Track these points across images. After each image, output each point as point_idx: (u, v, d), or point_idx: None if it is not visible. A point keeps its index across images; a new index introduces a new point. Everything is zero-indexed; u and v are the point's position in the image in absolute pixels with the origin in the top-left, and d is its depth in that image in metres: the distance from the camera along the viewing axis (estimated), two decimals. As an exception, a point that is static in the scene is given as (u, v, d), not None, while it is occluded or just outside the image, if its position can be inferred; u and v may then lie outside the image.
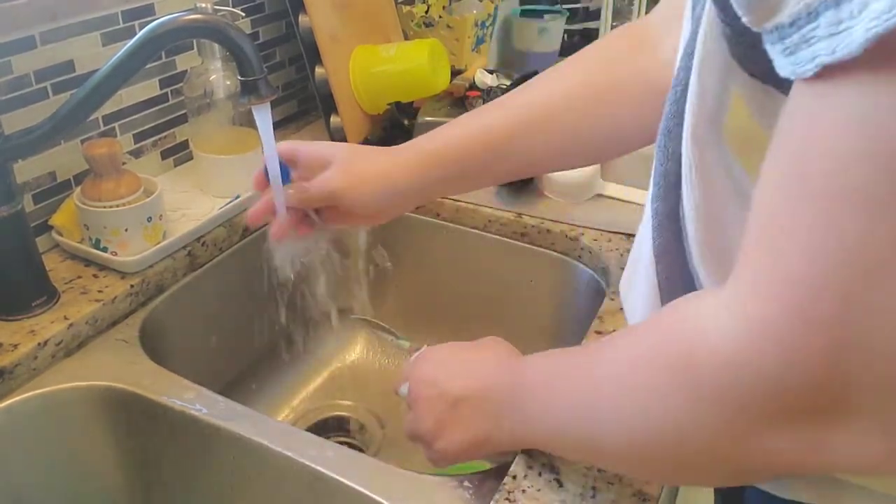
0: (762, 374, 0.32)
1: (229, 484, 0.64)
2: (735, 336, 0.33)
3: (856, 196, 0.28)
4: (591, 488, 0.53)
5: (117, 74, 0.61)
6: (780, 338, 0.31)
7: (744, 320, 0.32)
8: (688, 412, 0.36)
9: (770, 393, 0.32)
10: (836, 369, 0.30)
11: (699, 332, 0.35)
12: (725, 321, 0.33)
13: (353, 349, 1.05)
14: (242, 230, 0.89)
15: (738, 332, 0.32)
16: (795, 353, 0.30)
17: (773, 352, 0.31)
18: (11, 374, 0.64)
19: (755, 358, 0.32)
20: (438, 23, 1.20)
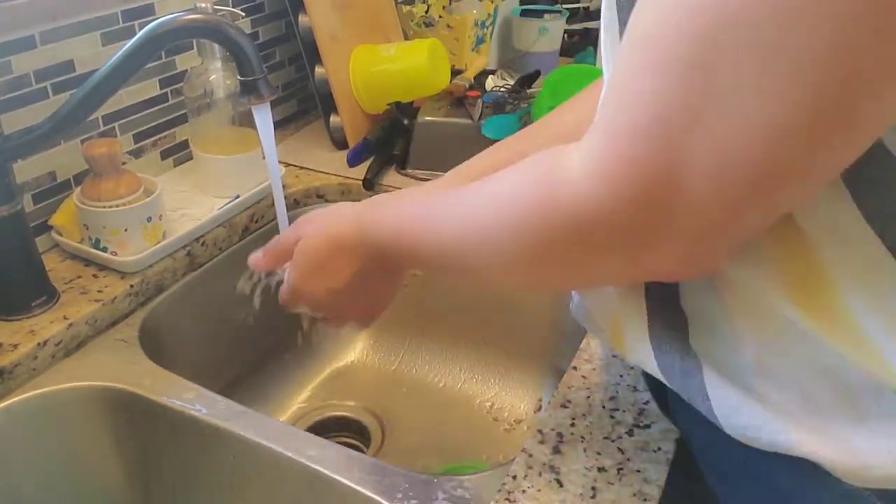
0: (605, 208, 0.36)
1: (229, 484, 0.64)
2: (588, 177, 0.37)
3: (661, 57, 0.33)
4: (591, 488, 0.53)
5: (117, 74, 0.61)
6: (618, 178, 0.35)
7: (594, 163, 0.37)
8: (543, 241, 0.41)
9: (612, 224, 0.37)
10: (656, 203, 0.35)
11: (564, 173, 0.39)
12: (583, 165, 0.38)
13: (353, 349, 1.05)
14: (242, 230, 0.89)
15: (590, 173, 0.37)
16: (626, 190, 0.35)
17: (614, 189, 0.35)
18: (11, 374, 0.64)
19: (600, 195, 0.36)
20: (438, 23, 1.20)
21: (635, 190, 0.35)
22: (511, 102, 1.02)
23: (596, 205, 0.37)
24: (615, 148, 0.35)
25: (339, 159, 1.02)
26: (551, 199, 0.40)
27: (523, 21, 1.38)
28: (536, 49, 1.38)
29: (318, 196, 0.98)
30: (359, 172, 0.98)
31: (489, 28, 1.28)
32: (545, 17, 1.39)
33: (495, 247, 0.45)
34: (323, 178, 0.98)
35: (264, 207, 0.91)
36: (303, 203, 0.97)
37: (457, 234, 0.48)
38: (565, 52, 1.44)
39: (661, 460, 0.55)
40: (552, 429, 0.58)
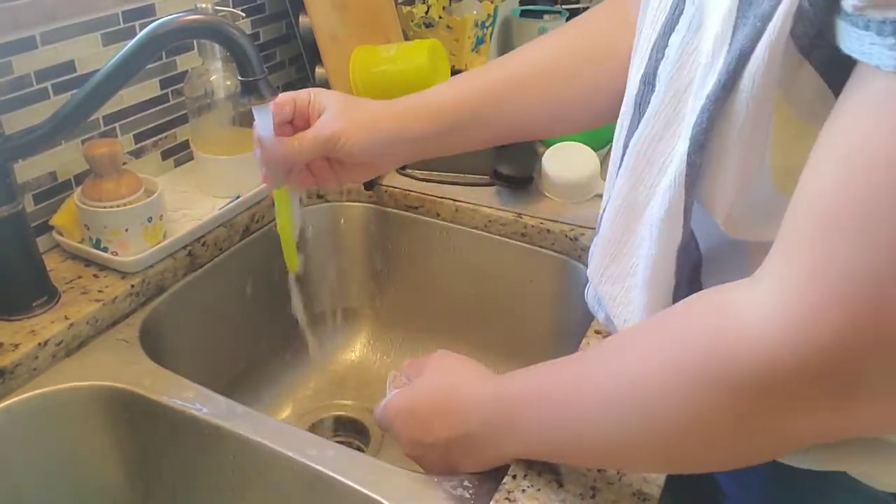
0: (812, 360, 0.33)
1: (229, 483, 0.64)
2: (784, 325, 0.33)
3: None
4: (591, 488, 0.53)
5: (118, 75, 0.61)
6: (835, 325, 0.32)
7: (793, 308, 0.33)
8: (726, 406, 0.36)
9: (817, 378, 0.33)
10: (875, 352, 0.32)
11: (739, 322, 0.35)
12: (772, 308, 0.34)
13: (353, 349, 1.05)
14: (243, 230, 0.89)
15: (788, 321, 0.33)
16: (847, 340, 0.32)
17: (826, 338, 0.32)
18: (12, 373, 0.64)
19: (806, 344, 0.33)
20: (438, 23, 1.20)
21: (857, 339, 0.32)
22: (511, 103, 1.02)
23: (797, 358, 0.33)
24: (828, 291, 0.32)
25: (340, 159, 1.02)
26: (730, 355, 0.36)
27: (523, 21, 1.39)
28: (536, 49, 1.38)
29: (318, 196, 0.98)
30: (359, 173, 0.98)
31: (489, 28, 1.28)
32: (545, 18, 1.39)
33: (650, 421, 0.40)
34: (323, 179, 0.98)
35: (265, 207, 0.91)
36: (303, 203, 0.97)
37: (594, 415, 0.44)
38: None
39: (661, 460, 0.55)
40: (552, 429, 0.58)
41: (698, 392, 0.37)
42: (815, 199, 0.34)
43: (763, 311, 0.35)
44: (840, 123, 0.33)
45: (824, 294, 0.33)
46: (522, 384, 0.51)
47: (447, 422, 0.54)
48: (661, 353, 0.40)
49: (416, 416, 0.57)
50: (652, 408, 0.40)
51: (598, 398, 0.43)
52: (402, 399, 0.59)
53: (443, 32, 1.20)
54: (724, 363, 0.36)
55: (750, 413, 0.36)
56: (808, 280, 0.33)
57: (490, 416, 0.52)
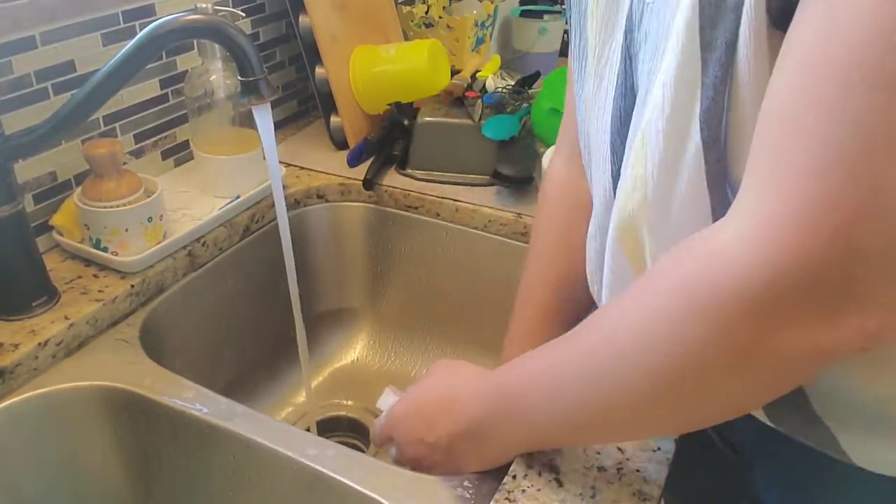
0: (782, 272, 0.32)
1: (229, 483, 0.64)
2: (751, 241, 0.33)
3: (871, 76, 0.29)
4: (591, 488, 0.53)
5: (118, 75, 0.61)
6: (795, 231, 0.31)
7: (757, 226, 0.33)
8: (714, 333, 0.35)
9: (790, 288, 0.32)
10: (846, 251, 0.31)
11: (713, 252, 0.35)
12: (740, 233, 0.33)
13: (353, 349, 1.05)
14: (243, 230, 0.89)
15: (754, 237, 0.33)
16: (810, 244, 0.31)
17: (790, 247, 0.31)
18: (12, 373, 0.64)
19: (773, 257, 0.32)
20: (438, 23, 1.20)
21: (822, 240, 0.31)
22: (511, 103, 1.02)
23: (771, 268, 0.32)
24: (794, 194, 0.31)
25: (340, 159, 1.02)
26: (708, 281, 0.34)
27: (523, 21, 1.39)
28: (536, 49, 1.38)
29: (318, 196, 0.98)
30: (359, 172, 0.98)
31: (489, 28, 1.28)
32: (545, 18, 1.39)
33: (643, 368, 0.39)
34: (323, 179, 0.99)
35: (265, 207, 0.91)
36: (303, 203, 0.97)
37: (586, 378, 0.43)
38: (565, 52, 1.44)
39: (661, 460, 0.55)
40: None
41: (683, 326, 0.36)
42: (768, 109, 0.34)
43: (734, 232, 0.34)
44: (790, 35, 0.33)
45: (786, 201, 0.32)
46: (518, 369, 0.50)
47: (449, 417, 0.54)
48: (642, 300, 0.39)
49: (419, 416, 0.57)
50: (642, 354, 0.39)
51: (591, 360, 0.43)
52: (404, 404, 0.59)
53: (443, 32, 1.20)
54: (702, 291, 0.35)
55: (738, 337, 0.35)
56: (769, 190, 0.32)
57: (490, 405, 0.51)
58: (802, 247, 0.31)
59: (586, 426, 0.47)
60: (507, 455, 0.54)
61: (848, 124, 0.30)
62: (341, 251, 1.02)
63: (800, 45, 0.32)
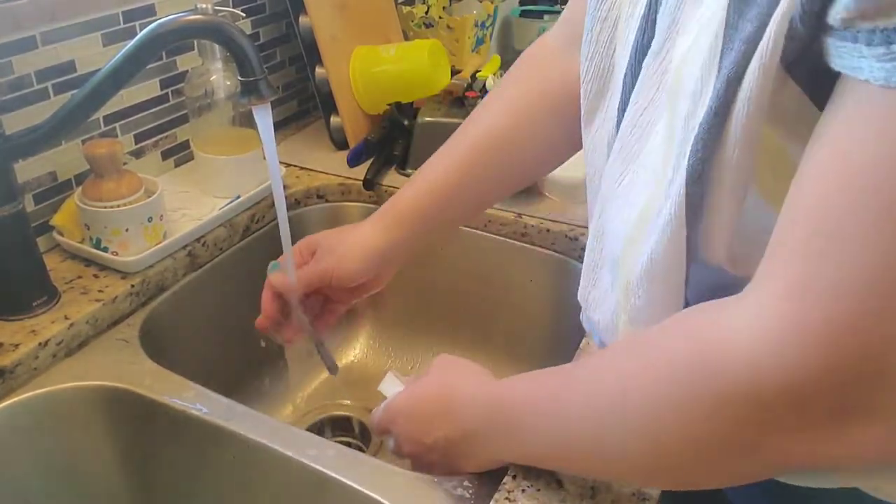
0: (800, 377, 0.32)
1: (229, 483, 0.64)
2: (774, 338, 0.32)
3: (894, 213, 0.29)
4: (591, 488, 0.53)
5: (118, 75, 0.61)
6: (821, 342, 0.31)
7: (782, 322, 0.32)
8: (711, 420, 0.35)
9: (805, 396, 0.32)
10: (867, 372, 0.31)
11: (726, 336, 0.35)
12: (759, 324, 0.33)
13: (353, 349, 1.05)
14: (243, 230, 0.89)
15: (777, 334, 0.32)
16: (834, 357, 0.31)
17: (814, 355, 0.31)
18: (12, 373, 0.64)
19: (794, 361, 0.32)
20: (438, 23, 1.20)
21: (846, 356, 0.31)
22: (511, 103, 1.02)
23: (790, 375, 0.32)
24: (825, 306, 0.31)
25: (340, 159, 1.02)
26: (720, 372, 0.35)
27: (523, 21, 1.39)
28: (536, 49, 1.38)
29: (318, 196, 0.98)
30: (359, 172, 0.98)
31: (489, 28, 1.28)
32: (545, 18, 1.39)
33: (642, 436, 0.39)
34: (323, 179, 0.99)
35: (265, 208, 0.91)
36: (303, 203, 0.97)
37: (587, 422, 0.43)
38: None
39: (661, 460, 0.55)
40: (552, 429, 0.58)
41: (685, 403, 0.37)
42: (800, 212, 0.33)
43: (749, 326, 0.34)
44: (825, 137, 0.33)
45: (808, 312, 0.31)
46: (522, 389, 0.50)
47: (446, 421, 0.54)
48: (652, 363, 0.40)
49: (416, 416, 0.57)
50: (642, 416, 0.39)
51: (591, 405, 0.43)
52: (403, 400, 0.59)
53: (443, 32, 1.20)
54: (710, 376, 0.35)
55: (735, 429, 0.35)
56: (792, 296, 0.32)
57: (489, 416, 0.52)
58: (827, 362, 0.31)
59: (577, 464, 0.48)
60: (501, 462, 0.54)
61: (885, 257, 0.30)
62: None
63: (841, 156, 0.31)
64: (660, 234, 0.42)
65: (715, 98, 0.37)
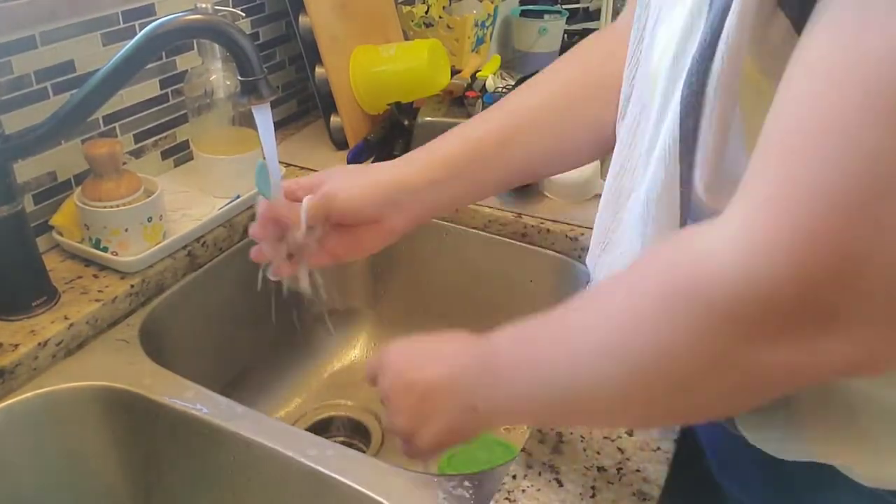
0: (770, 288, 0.31)
1: (229, 483, 0.64)
2: (744, 250, 0.32)
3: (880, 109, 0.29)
4: (591, 488, 0.53)
5: (118, 74, 0.61)
6: (791, 250, 0.31)
7: (752, 234, 0.32)
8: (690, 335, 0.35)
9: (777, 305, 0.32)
10: (840, 280, 0.30)
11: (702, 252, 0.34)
12: (732, 238, 0.33)
13: (353, 349, 1.05)
14: (242, 230, 0.89)
15: (747, 246, 0.32)
16: (804, 265, 0.30)
17: (783, 264, 0.31)
18: (12, 373, 0.64)
19: (764, 271, 0.31)
20: (438, 23, 1.20)
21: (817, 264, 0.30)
22: (511, 103, 1.02)
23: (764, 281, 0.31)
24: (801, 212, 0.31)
25: (340, 159, 1.02)
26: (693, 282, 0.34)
27: (523, 21, 1.39)
28: (536, 49, 1.38)
29: (318, 196, 0.98)
30: (359, 173, 0.98)
31: (489, 28, 1.28)
32: (545, 18, 1.39)
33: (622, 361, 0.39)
34: (323, 179, 0.98)
35: (264, 207, 0.91)
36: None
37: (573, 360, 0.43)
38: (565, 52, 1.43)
39: (661, 460, 0.55)
40: (552, 428, 0.58)
41: (665, 319, 0.36)
42: (777, 117, 0.33)
43: (725, 236, 0.33)
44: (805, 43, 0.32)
45: (784, 216, 0.31)
46: (511, 336, 0.50)
47: (436, 361, 0.53)
48: (632, 284, 0.39)
49: (406, 354, 0.56)
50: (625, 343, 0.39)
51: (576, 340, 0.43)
52: (398, 344, 0.58)
53: (443, 32, 1.20)
54: (688, 289, 0.35)
55: (715, 344, 0.34)
56: (769, 201, 0.32)
57: (472, 362, 0.51)
58: (800, 266, 0.31)
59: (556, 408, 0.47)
60: (472, 424, 0.51)
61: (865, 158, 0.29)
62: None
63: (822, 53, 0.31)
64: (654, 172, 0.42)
65: (708, 29, 0.37)
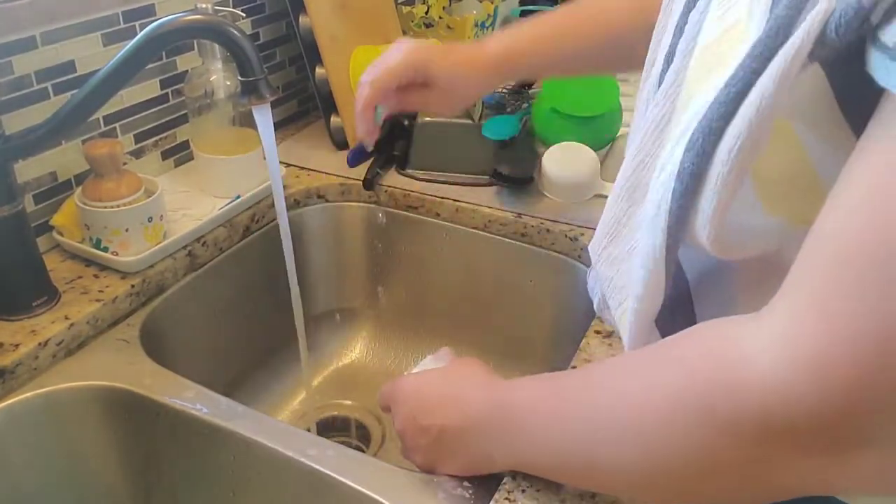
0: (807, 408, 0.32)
1: (230, 484, 0.64)
2: (786, 365, 0.32)
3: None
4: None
5: (118, 75, 0.61)
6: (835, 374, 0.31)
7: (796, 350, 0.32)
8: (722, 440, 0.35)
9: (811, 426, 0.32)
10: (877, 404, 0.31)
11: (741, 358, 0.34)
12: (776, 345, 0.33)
13: (353, 349, 1.05)
14: (243, 230, 0.89)
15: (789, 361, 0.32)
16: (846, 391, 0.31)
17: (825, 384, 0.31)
18: (12, 373, 0.64)
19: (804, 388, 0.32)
20: (438, 23, 1.20)
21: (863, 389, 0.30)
22: (511, 103, 1.02)
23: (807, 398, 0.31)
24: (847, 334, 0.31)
25: (340, 159, 1.02)
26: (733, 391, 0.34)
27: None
28: (536, 49, 1.38)
29: (318, 196, 0.98)
30: (359, 173, 0.98)
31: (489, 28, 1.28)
32: (545, 18, 1.39)
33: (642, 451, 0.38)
34: (323, 179, 0.99)
35: (265, 207, 0.91)
36: (303, 203, 0.97)
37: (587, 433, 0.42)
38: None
39: (661, 460, 0.55)
40: (552, 429, 0.58)
41: (699, 425, 0.36)
42: (832, 234, 0.32)
43: (769, 349, 0.33)
44: (865, 158, 0.31)
45: (833, 337, 0.31)
46: (526, 391, 0.50)
47: (447, 410, 0.54)
48: (666, 379, 0.39)
49: (420, 396, 0.57)
50: (652, 434, 0.38)
51: (600, 417, 0.42)
52: (412, 379, 0.59)
53: (443, 32, 1.20)
54: (726, 399, 0.34)
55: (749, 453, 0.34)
56: (818, 320, 0.31)
57: (488, 414, 0.51)
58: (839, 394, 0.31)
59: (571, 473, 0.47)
60: (488, 467, 0.53)
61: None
62: (341, 251, 1.02)
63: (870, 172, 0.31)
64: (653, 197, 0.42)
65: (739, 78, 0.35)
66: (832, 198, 0.33)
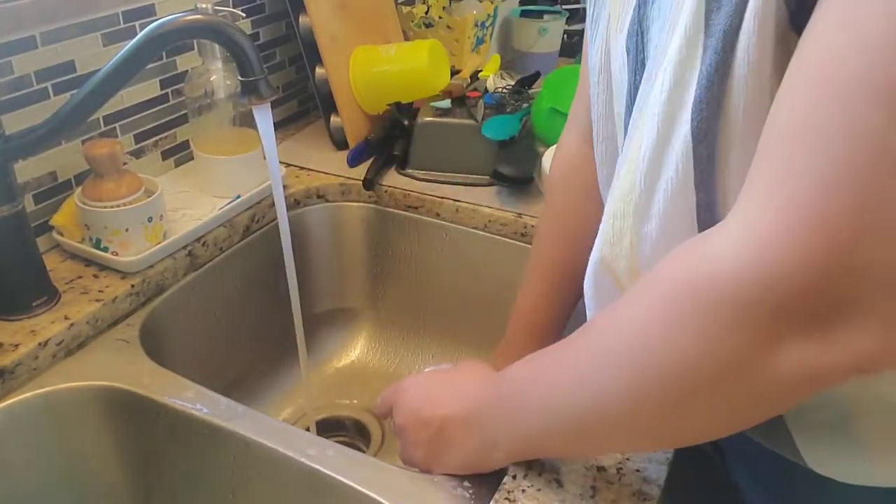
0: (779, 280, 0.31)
1: (229, 483, 0.64)
2: (749, 246, 0.32)
3: (883, 93, 0.29)
4: (591, 488, 0.53)
5: (118, 75, 0.61)
6: (796, 238, 0.31)
7: (757, 229, 0.32)
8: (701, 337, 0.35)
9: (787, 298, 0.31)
10: (848, 265, 0.30)
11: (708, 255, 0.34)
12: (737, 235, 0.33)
13: (353, 349, 1.05)
14: (243, 230, 0.89)
15: (752, 241, 0.32)
16: (811, 252, 0.30)
17: (789, 254, 0.31)
18: (12, 373, 0.64)
19: (771, 265, 0.31)
20: (438, 23, 1.20)
21: (824, 250, 0.30)
22: (511, 103, 1.02)
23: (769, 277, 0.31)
24: (799, 207, 0.31)
25: (340, 159, 1.02)
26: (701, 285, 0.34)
27: (523, 21, 1.39)
28: (536, 49, 1.38)
29: (318, 196, 0.98)
30: (359, 173, 0.98)
31: (489, 28, 1.28)
32: (545, 18, 1.39)
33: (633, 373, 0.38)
34: (323, 179, 0.99)
35: (265, 207, 0.91)
36: (303, 203, 0.97)
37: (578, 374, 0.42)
38: (565, 52, 1.44)
39: (661, 460, 0.55)
40: (552, 429, 0.58)
41: (674, 331, 0.36)
42: (774, 119, 0.33)
43: (731, 235, 0.33)
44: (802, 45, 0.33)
45: (788, 205, 0.31)
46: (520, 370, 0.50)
47: (450, 397, 0.54)
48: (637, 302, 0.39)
49: (424, 389, 0.57)
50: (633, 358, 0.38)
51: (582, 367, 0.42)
52: (416, 377, 0.60)
53: (443, 32, 1.20)
54: (695, 294, 0.34)
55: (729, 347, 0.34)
56: (773, 200, 0.32)
57: (489, 398, 0.52)
58: (807, 254, 0.30)
59: (575, 435, 0.46)
60: (489, 460, 0.53)
61: (870, 135, 0.29)
62: (341, 251, 1.02)
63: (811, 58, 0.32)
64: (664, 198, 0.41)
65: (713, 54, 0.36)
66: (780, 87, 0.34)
